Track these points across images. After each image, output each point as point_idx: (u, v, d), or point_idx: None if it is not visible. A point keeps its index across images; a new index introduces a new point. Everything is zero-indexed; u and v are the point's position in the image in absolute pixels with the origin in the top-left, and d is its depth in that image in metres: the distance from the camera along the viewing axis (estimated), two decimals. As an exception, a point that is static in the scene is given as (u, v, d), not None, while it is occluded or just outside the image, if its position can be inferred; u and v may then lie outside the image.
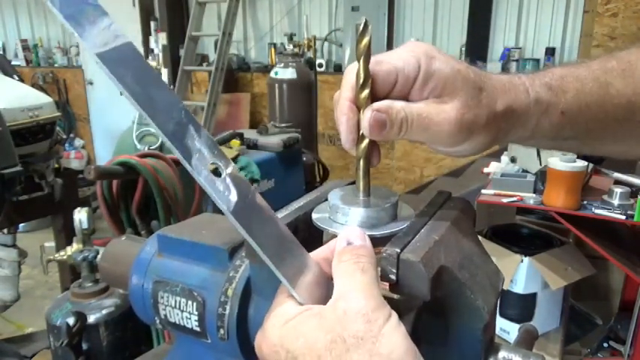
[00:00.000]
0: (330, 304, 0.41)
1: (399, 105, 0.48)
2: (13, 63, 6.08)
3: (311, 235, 0.55)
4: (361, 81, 0.48)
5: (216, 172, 0.40)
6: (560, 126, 0.54)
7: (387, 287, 0.45)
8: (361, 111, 0.50)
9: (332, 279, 0.44)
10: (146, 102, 0.35)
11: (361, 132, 0.50)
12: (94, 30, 0.33)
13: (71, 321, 1.09)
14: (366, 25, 0.48)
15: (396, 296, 0.45)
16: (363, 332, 0.38)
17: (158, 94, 0.36)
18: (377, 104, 0.48)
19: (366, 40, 0.48)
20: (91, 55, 0.32)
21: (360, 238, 0.45)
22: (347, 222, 0.51)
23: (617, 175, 2.51)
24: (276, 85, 4.42)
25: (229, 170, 0.41)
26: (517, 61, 4.60)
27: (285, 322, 0.42)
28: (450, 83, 0.48)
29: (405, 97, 0.50)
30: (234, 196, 0.40)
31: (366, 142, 0.51)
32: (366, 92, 0.49)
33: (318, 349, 0.39)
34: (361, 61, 0.48)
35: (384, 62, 0.49)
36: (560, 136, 0.55)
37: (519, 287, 2.44)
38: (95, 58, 0.33)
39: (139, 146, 3.58)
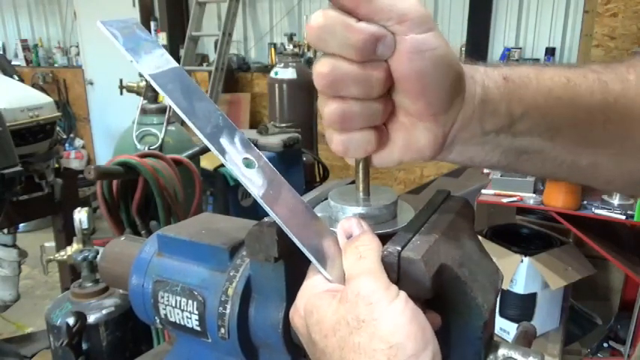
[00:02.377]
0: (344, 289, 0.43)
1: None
2: (13, 63, 6.08)
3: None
4: None
5: (249, 165, 0.46)
6: (507, 96, 0.47)
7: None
8: None
9: None
10: (189, 111, 0.44)
11: None
12: (149, 58, 0.43)
13: (71, 321, 1.09)
14: None
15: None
16: (364, 315, 0.40)
17: (199, 104, 0.45)
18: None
19: None
20: (145, 76, 0.42)
21: (356, 226, 0.47)
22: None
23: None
24: (276, 85, 4.42)
25: (261, 162, 0.47)
26: (517, 61, 4.60)
27: (311, 295, 0.45)
28: None
29: None
30: (263, 185, 0.47)
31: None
32: None
33: (325, 328, 0.42)
34: None
35: None
36: (516, 131, 0.48)
37: (519, 287, 2.45)
38: (149, 78, 0.42)
39: (139, 146, 3.57)
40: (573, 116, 0.49)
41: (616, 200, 2.28)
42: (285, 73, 4.37)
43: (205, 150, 2.11)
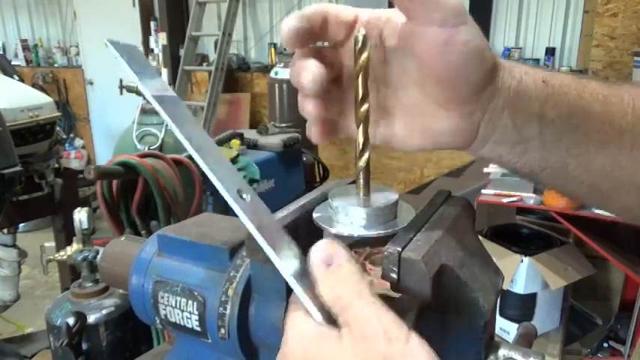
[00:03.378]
0: (343, 328, 0.38)
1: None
2: (13, 63, 6.09)
3: (312, 235, 0.55)
4: (360, 97, 0.48)
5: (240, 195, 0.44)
6: (543, 98, 0.47)
7: (389, 286, 0.45)
8: (359, 126, 0.49)
9: None
10: (177, 121, 0.45)
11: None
12: (152, 82, 0.46)
13: (71, 321, 1.09)
14: (364, 39, 0.47)
15: (397, 295, 0.45)
16: (388, 352, 0.36)
17: (192, 128, 0.47)
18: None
19: (364, 56, 0.47)
20: (148, 97, 0.45)
21: (334, 256, 0.40)
22: (348, 221, 0.51)
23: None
24: (276, 85, 4.42)
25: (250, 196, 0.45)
26: (517, 60, 4.61)
27: (308, 341, 0.39)
28: None
29: None
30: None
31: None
32: (365, 107, 0.48)
33: None
34: (360, 77, 0.48)
35: None
36: (544, 138, 0.48)
37: (519, 287, 2.45)
38: (152, 99, 0.45)
39: (139, 146, 3.58)
40: (603, 135, 0.49)
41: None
42: (285, 73, 4.37)
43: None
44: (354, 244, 0.53)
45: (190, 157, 1.92)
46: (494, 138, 0.48)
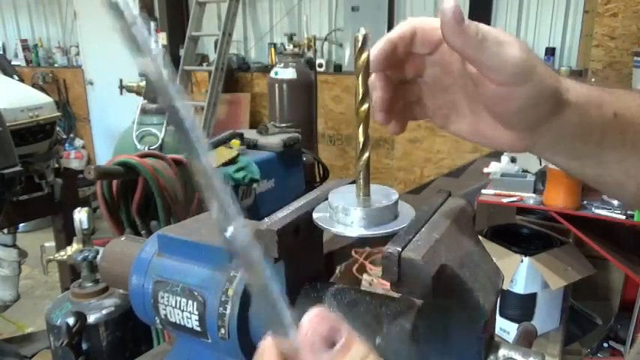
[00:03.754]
0: None
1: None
2: (13, 63, 6.08)
3: (312, 235, 0.55)
4: (360, 96, 0.49)
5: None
6: (609, 129, 0.49)
7: (389, 286, 0.45)
8: (359, 126, 0.50)
9: None
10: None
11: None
12: None
13: (71, 321, 1.09)
14: (365, 39, 0.48)
15: (397, 295, 0.45)
16: None
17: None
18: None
19: (365, 56, 0.48)
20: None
21: (339, 329, 0.31)
22: (348, 221, 0.51)
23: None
24: (276, 85, 4.42)
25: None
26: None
27: None
28: None
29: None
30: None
31: (365, 106, 0.50)
32: (365, 106, 0.49)
33: None
34: (360, 76, 0.48)
35: None
36: (605, 144, 0.50)
37: (519, 287, 2.44)
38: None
39: (139, 146, 3.58)
40: None
41: (616, 200, 2.28)
42: (285, 73, 4.37)
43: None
44: (354, 244, 0.53)
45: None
46: (552, 151, 0.50)
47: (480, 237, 2.63)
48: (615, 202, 2.29)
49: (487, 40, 0.42)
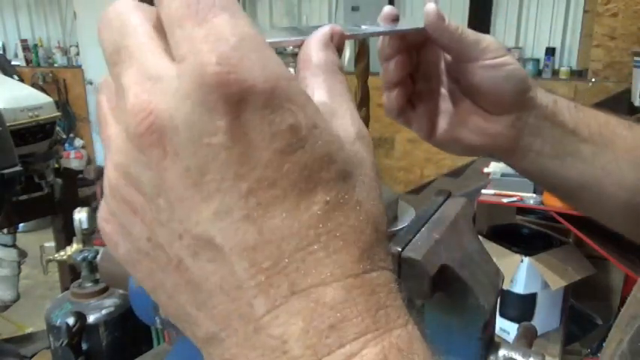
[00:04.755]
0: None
1: None
2: (13, 63, 6.07)
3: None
4: (359, 100, 0.49)
5: None
6: (576, 118, 0.54)
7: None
8: None
9: None
10: None
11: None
12: None
13: (71, 321, 1.09)
14: (363, 46, 0.49)
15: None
16: None
17: None
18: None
19: (363, 63, 0.49)
20: None
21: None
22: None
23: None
24: (276, 85, 4.42)
25: None
26: (517, 60, 4.61)
27: None
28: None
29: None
30: None
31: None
32: (362, 112, 0.49)
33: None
34: (359, 82, 0.49)
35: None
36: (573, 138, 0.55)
37: (519, 287, 2.44)
38: None
39: (138, 146, 3.58)
40: (635, 157, 0.55)
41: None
42: (285, 73, 4.38)
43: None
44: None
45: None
46: (535, 147, 0.54)
47: (480, 237, 2.64)
48: (615, 202, 2.29)
49: (465, 33, 0.50)
